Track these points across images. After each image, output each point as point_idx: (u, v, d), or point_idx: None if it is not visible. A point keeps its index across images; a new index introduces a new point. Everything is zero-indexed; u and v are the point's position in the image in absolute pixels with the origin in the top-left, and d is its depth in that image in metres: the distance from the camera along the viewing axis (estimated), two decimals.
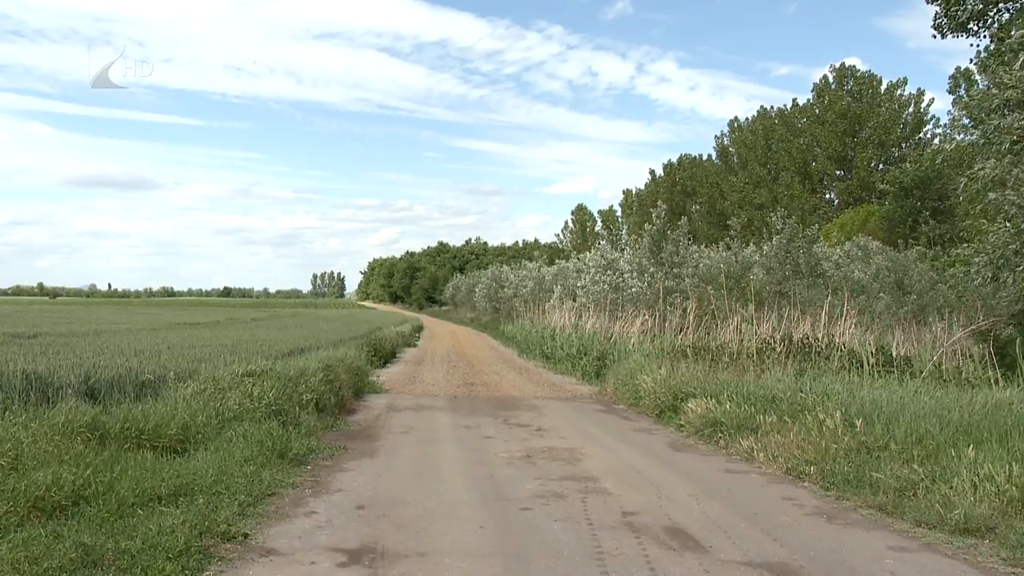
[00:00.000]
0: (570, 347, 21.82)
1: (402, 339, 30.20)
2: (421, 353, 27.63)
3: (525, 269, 44.50)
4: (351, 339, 22.16)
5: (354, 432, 10.77)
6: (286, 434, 8.87)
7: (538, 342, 26.13)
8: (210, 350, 14.56)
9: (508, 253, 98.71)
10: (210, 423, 8.53)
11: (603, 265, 25.62)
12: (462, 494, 7.27)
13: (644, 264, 22.89)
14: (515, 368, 22.26)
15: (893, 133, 46.68)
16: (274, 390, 10.15)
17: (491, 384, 17.70)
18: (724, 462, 9.07)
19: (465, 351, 29.21)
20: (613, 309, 23.79)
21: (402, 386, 16.79)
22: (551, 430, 11.24)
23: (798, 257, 19.45)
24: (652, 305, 21.66)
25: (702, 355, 14.36)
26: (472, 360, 24.85)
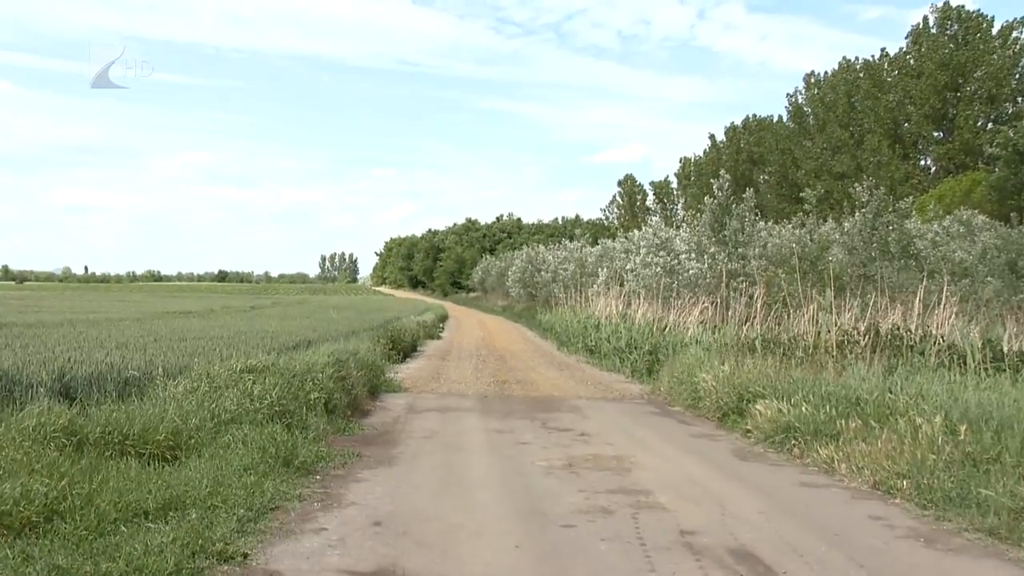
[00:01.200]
0: (617, 340, 21.80)
1: (424, 330, 30.37)
2: (446, 346, 27.78)
3: (565, 250, 44.43)
4: (365, 330, 22.32)
5: (369, 437, 10.82)
6: (292, 439, 8.90)
7: (580, 334, 26.19)
8: (203, 343, 14.70)
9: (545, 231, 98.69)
10: (204, 426, 8.57)
11: (655, 245, 25.46)
12: (494, 509, 7.23)
13: (703, 244, 22.70)
14: (554, 363, 22.29)
15: (1006, 86, 44.49)
16: (277, 388, 10.20)
17: (527, 382, 17.74)
18: (799, 474, 8.96)
19: (496, 344, 29.31)
20: (667, 296, 23.66)
21: (424, 384, 16.87)
22: (596, 435, 11.21)
23: (886, 235, 19.11)
24: (712, 291, 21.49)
25: (772, 349, 14.21)
26: (504, 354, 24.95)
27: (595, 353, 23.05)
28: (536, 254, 51.39)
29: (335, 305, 43.70)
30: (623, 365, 20.08)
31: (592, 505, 7.40)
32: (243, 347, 13.99)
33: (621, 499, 7.64)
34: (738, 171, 53.57)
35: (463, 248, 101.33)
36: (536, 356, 24.63)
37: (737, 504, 7.55)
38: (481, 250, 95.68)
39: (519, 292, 53.90)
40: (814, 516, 7.20)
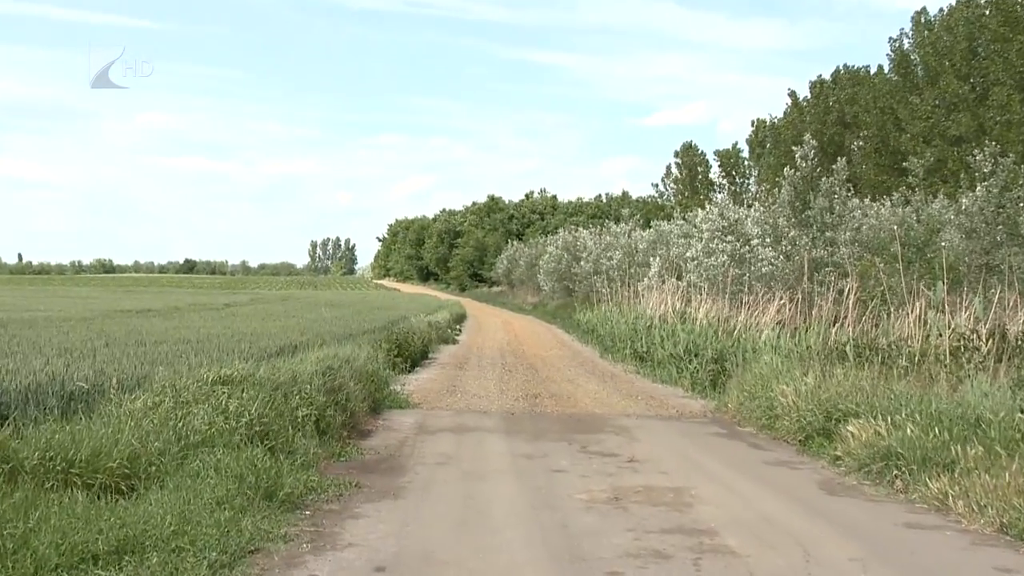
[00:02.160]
0: (674, 345, 21.78)
1: (437, 332, 30.53)
2: (464, 352, 27.97)
3: (610, 234, 44.38)
4: (365, 333, 22.45)
5: (370, 463, 10.89)
6: (275, 465, 8.96)
7: (628, 337, 26.26)
8: (167, 348, 14.83)
9: (586, 211, 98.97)
10: (168, 450, 8.64)
11: (722, 228, 25.32)
12: (522, 552, 7.24)
13: (782, 226, 22.57)
14: (596, 373, 22.36)
15: None
16: (257, 404, 10.27)
17: (563, 396, 17.81)
18: (903, 512, 8.91)
19: (525, 349, 29.46)
20: (736, 291, 23.56)
21: (437, 398, 16.99)
22: (648, 462, 11.22)
23: (1016, 214, 18.89)
24: (793, 285, 21.36)
25: (867, 356, 14.10)
26: (535, 362, 25.07)
27: (646, 361, 23.10)
28: (574, 239, 51.43)
29: (328, 302, 43.96)
30: (681, 376, 20.08)
31: (643, 548, 7.39)
32: (215, 353, 14.09)
33: (679, 541, 7.63)
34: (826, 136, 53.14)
35: (485, 232, 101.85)
36: (574, 364, 24.73)
37: (824, 549, 7.51)
38: (507, 235, 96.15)
39: (553, 286, 53.95)
40: (922, 566, 7.15)
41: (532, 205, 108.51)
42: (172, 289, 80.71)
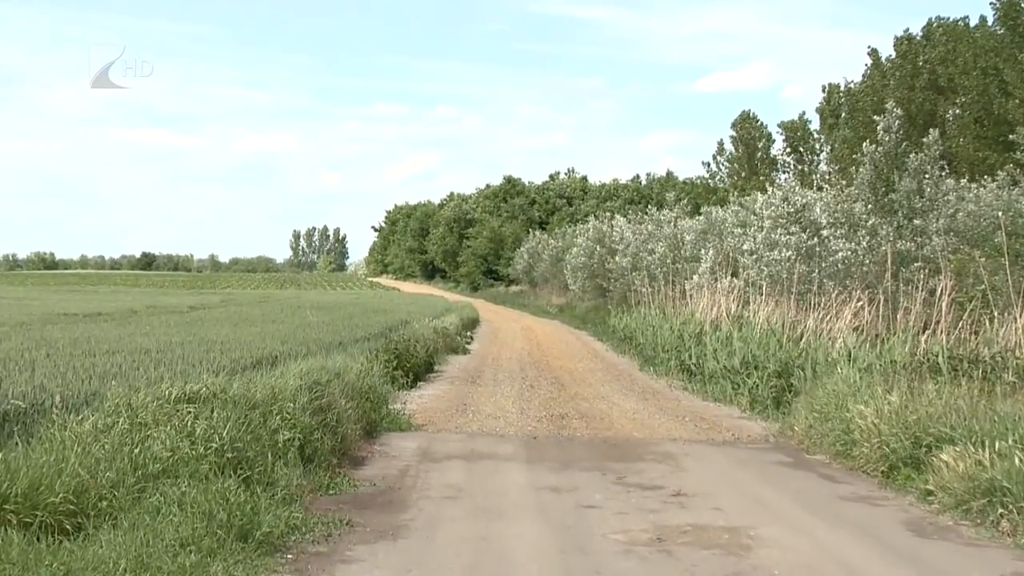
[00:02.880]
0: (729, 356, 21.75)
1: (444, 340, 30.67)
2: (476, 364, 28.19)
3: (652, 222, 44.27)
4: (358, 341, 22.53)
5: (365, 497, 10.93)
6: (251, 500, 9.00)
7: (674, 346, 26.34)
8: (121, 359, 14.90)
9: (623, 196, 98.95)
10: (123, 482, 8.67)
11: (786, 215, 25.24)
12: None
13: (859, 213, 22.46)
14: (635, 389, 22.44)
15: None
16: (230, 426, 10.30)
17: (595, 416, 17.88)
18: (1010, 559, 8.88)
19: (550, 360, 29.63)
20: (804, 290, 23.48)
21: (444, 419, 17.08)
22: (698, 496, 11.24)
23: None
24: (873, 283, 21.25)
25: (965, 370, 14.02)
26: (562, 375, 25.21)
27: (695, 375, 23.14)
28: (609, 229, 51.40)
29: (314, 304, 44.06)
30: (737, 393, 20.06)
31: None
32: (179, 365, 14.14)
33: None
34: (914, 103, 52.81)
35: (501, 221, 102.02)
36: (608, 378, 24.82)
37: None
38: (527, 223, 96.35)
39: (583, 285, 53.93)
40: None
41: (558, 188, 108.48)
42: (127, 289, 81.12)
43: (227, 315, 32.27)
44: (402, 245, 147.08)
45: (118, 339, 19.38)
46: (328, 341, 21.31)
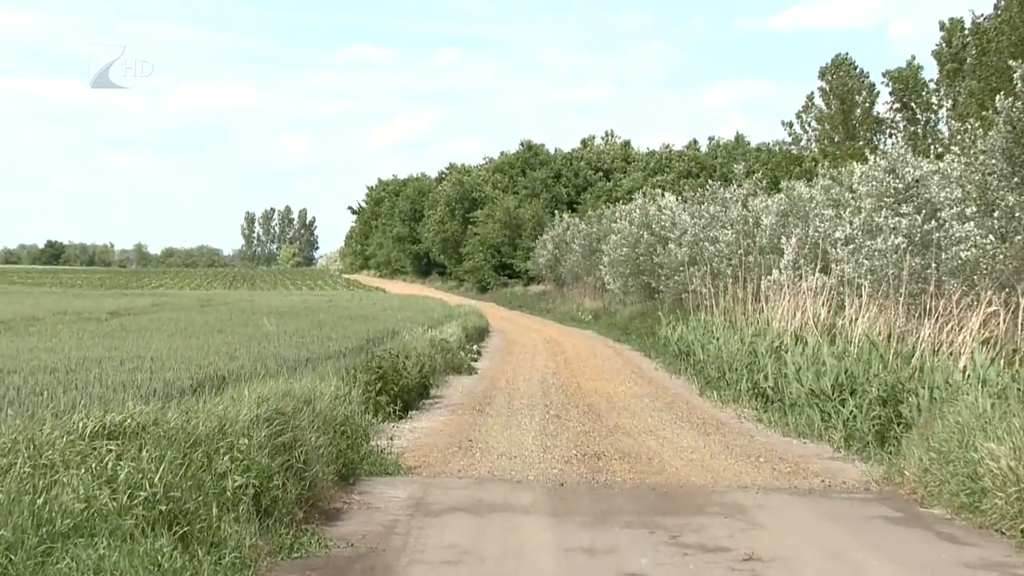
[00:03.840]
0: (817, 376, 21.67)
1: (444, 356, 30.74)
2: (486, 387, 28.32)
3: (715, 202, 44.16)
4: (331, 357, 22.57)
5: (339, 562, 10.97)
6: (191, 566, 8.97)
7: (744, 364, 26.37)
8: (20, 381, 14.88)
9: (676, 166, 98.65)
10: (23, 543, 8.62)
11: (893, 192, 25.16)
12: None
13: (992, 188, 22.30)
14: (693, 421, 22.48)
15: None
16: (165, 469, 10.26)
17: (641, 456, 17.90)
18: None
19: (582, 382, 29.75)
20: (917, 291, 23.37)
21: (444, 460, 17.13)
22: (777, 562, 11.25)
23: None
24: (1010, 282, 21.13)
25: None
26: (598, 402, 25.27)
27: (773, 402, 23.13)
28: (658, 211, 51.28)
29: (273, 309, 44.15)
30: (828, 426, 20.01)
31: None
32: (97, 389, 14.10)
33: None
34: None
35: (519, 200, 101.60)
36: (659, 406, 24.85)
37: None
38: (552, 203, 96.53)
39: (625, 284, 53.90)
40: None
41: (592, 157, 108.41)
42: (27, 289, 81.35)
43: (159, 323, 32.30)
44: (388, 232, 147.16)
45: (15, 355, 19.36)
46: (292, 357, 21.30)
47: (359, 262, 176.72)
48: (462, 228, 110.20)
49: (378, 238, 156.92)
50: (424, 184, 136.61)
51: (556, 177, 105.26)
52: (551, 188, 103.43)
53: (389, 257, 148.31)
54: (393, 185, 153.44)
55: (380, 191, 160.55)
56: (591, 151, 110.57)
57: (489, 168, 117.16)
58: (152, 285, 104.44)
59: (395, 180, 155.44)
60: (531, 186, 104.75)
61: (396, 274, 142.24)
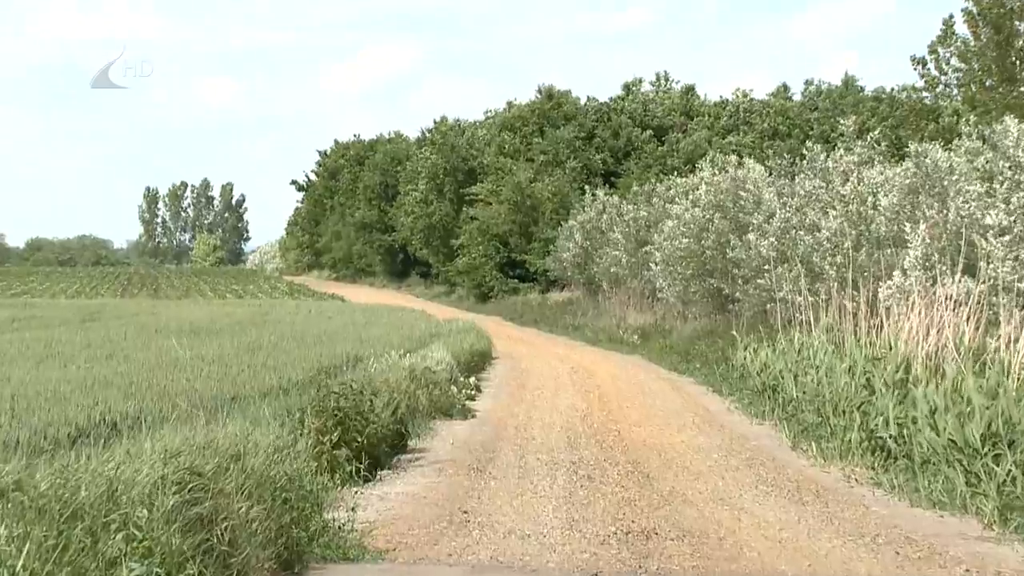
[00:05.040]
0: (960, 421, 21.58)
1: (429, 392, 30.85)
2: (488, 436, 28.46)
3: (814, 172, 44.17)
4: (268, 394, 22.75)
5: None
6: None
7: (854, 404, 26.36)
8: None
9: (757, 123, 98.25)
10: None
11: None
12: None
13: None
14: (782, 484, 22.57)
15: None
16: (31, 551, 10.24)
17: (707, 534, 17.89)
18: None
19: (624, 429, 29.90)
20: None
21: (428, 540, 17.21)
22: None
23: None
24: None
25: None
26: (647, 457, 25.33)
27: (896, 458, 23.13)
28: (733, 184, 51.29)
29: (186, 325, 44.20)
30: (976, 493, 19.94)
31: None
32: None
33: None
34: None
35: (534, 171, 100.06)
36: (734, 463, 24.90)
37: None
38: (582, 176, 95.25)
39: (685, 290, 53.78)
40: None
41: (638, 110, 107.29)
42: None
43: (22, 345, 32.38)
44: (349, 217, 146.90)
45: None
46: (214, 395, 21.34)
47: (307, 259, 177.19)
48: (454, 211, 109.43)
49: (334, 225, 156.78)
50: (400, 148, 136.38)
51: (587, 138, 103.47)
52: (580, 154, 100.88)
53: (350, 252, 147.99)
54: (356, 149, 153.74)
55: (338, 158, 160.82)
56: (636, 101, 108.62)
57: (493, 125, 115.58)
58: (11, 291, 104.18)
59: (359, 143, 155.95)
60: (552, 151, 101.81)
61: (360, 276, 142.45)
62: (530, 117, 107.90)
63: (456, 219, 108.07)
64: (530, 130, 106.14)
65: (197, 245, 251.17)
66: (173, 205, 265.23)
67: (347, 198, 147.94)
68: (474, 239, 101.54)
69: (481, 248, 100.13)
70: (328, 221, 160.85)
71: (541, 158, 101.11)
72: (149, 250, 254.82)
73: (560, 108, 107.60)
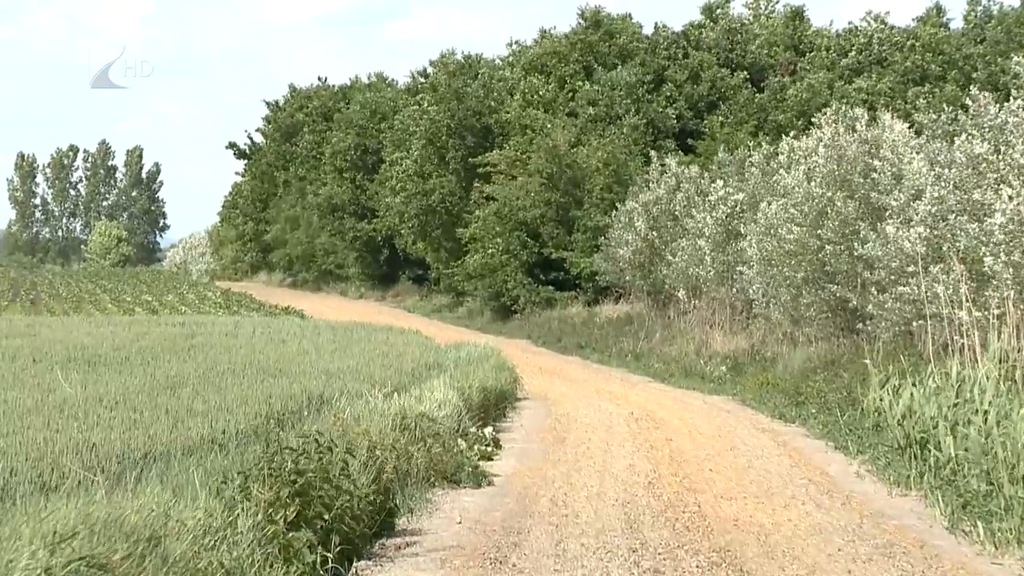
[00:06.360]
0: None
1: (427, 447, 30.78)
2: (510, 511, 28.33)
3: (979, 132, 44.24)
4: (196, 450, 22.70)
5: None
6: None
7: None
8: None
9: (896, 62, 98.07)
10: None
11: None
12: None
13: None
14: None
15: None
16: None
17: None
18: None
19: (706, 502, 29.81)
20: None
21: None
22: None
23: None
24: None
25: None
26: (739, 542, 25.43)
27: None
28: (865, 149, 51.27)
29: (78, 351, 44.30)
30: None
31: None
32: None
33: None
34: None
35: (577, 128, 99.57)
36: (864, 551, 24.87)
37: None
38: (648, 136, 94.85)
39: (795, 302, 53.66)
40: None
41: (725, 42, 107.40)
42: None
43: None
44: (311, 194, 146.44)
45: None
46: (118, 452, 21.34)
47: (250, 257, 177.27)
48: (462, 188, 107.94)
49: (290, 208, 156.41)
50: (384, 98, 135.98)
51: (654, 83, 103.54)
52: (644, 105, 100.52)
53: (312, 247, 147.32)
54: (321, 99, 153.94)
55: (294, 111, 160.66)
56: (723, 31, 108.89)
57: (518, 64, 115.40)
58: None
59: (325, 90, 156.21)
60: (603, 101, 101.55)
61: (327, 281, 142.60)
62: (571, 53, 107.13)
63: (465, 199, 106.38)
64: (571, 71, 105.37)
65: (93, 237, 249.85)
66: (58, 180, 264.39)
67: (308, 169, 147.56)
68: (491, 228, 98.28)
69: (501, 241, 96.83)
70: (281, 203, 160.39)
71: (587, 112, 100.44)
72: (24, 243, 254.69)
73: (614, 40, 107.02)
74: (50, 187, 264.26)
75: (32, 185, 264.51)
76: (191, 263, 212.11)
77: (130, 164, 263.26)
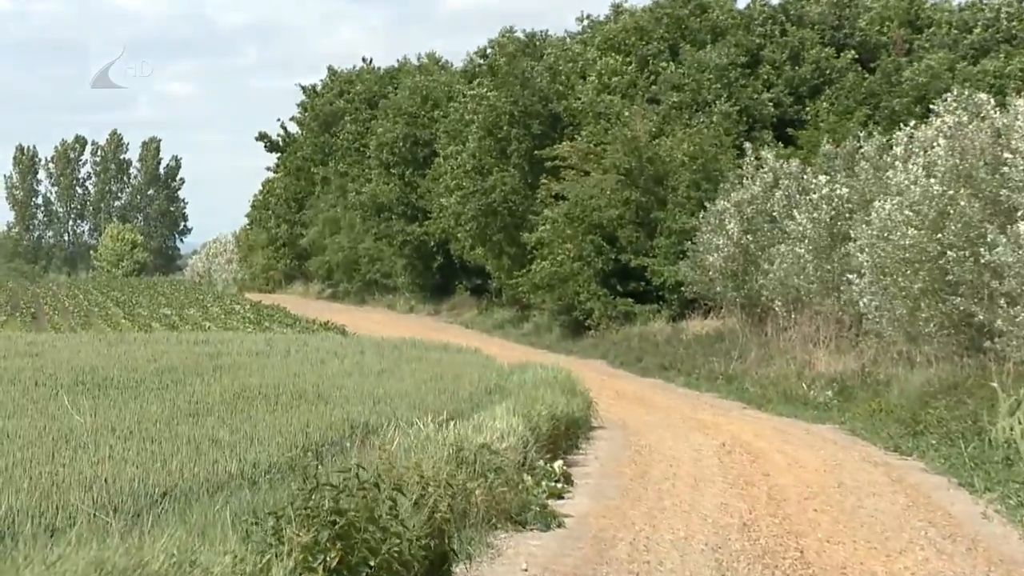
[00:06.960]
0: None
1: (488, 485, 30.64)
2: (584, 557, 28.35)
3: None
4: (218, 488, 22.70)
5: None
6: None
7: None
8: None
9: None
10: None
11: None
12: None
13: None
14: None
15: None
16: None
17: None
18: None
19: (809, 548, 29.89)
20: None
21: None
22: None
23: None
24: None
25: None
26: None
27: None
28: (991, 139, 51.07)
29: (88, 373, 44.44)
30: None
31: None
32: None
33: None
34: None
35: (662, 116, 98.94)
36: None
37: None
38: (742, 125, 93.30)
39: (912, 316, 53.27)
40: None
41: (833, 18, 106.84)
42: None
43: None
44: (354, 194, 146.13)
45: None
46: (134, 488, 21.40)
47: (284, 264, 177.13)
48: (526, 185, 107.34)
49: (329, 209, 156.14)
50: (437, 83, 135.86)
51: (749, 65, 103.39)
52: (735, 90, 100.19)
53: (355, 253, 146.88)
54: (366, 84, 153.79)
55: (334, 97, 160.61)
56: (828, 5, 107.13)
57: (590, 43, 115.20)
58: None
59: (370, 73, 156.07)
60: (690, 86, 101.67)
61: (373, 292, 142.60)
62: (654, 29, 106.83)
63: (530, 198, 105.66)
64: (654, 51, 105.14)
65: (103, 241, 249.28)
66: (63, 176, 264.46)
67: (350, 164, 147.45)
68: (560, 232, 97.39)
69: (572, 247, 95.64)
70: (319, 202, 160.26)
71: (672, 98, 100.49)
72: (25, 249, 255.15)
73: (704, 15, 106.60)
74: (54, 184, 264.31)
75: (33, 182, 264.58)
76: (216, 272, 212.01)
77: (146, 158, 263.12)
